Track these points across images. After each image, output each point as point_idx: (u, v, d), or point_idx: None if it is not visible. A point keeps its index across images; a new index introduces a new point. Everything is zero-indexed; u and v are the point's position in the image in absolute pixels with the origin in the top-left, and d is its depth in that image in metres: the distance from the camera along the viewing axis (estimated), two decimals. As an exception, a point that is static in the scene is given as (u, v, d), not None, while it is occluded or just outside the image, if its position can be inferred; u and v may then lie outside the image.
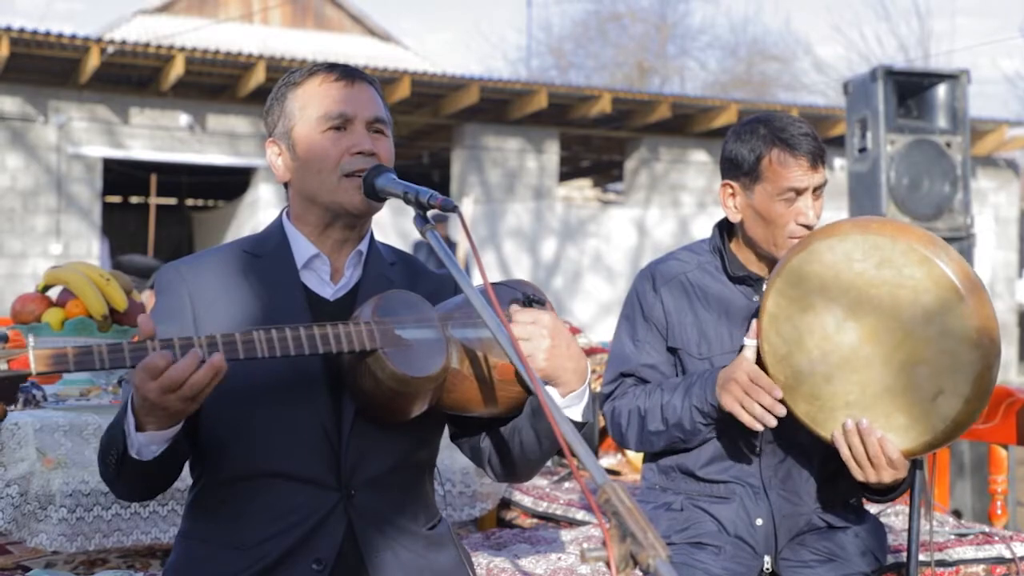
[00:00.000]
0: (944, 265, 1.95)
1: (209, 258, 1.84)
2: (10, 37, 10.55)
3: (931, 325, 1.96)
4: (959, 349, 1.94)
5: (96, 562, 2.91)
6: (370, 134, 1.77)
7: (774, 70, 28.94)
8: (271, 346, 1.57)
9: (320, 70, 1.81)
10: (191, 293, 1.77)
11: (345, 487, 1.74)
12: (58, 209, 11.98)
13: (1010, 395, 3.18)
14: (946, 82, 5.27)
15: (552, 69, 29.06)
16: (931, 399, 1.98)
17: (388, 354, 1.63)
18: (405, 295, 1.73)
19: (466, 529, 3.34)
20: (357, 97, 1.78)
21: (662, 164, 14.85)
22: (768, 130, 2.19)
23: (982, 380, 1.96)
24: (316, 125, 1.77)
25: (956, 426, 1.99)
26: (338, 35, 20.45)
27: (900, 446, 2.02)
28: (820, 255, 2.04)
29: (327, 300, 1.80)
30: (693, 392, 2.17)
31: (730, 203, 2.26)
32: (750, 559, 2.22)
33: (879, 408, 2.02)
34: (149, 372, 1.49)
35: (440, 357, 1.68)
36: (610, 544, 1.14)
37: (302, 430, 1.72)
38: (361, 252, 1.84)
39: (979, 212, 14.43)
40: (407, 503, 1.81)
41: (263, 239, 1.85)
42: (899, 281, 1.98)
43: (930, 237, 2.01)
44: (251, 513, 1.73)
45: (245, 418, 1.70)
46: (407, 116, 13.60)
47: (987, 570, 2.74)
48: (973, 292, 1.95)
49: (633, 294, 2.36)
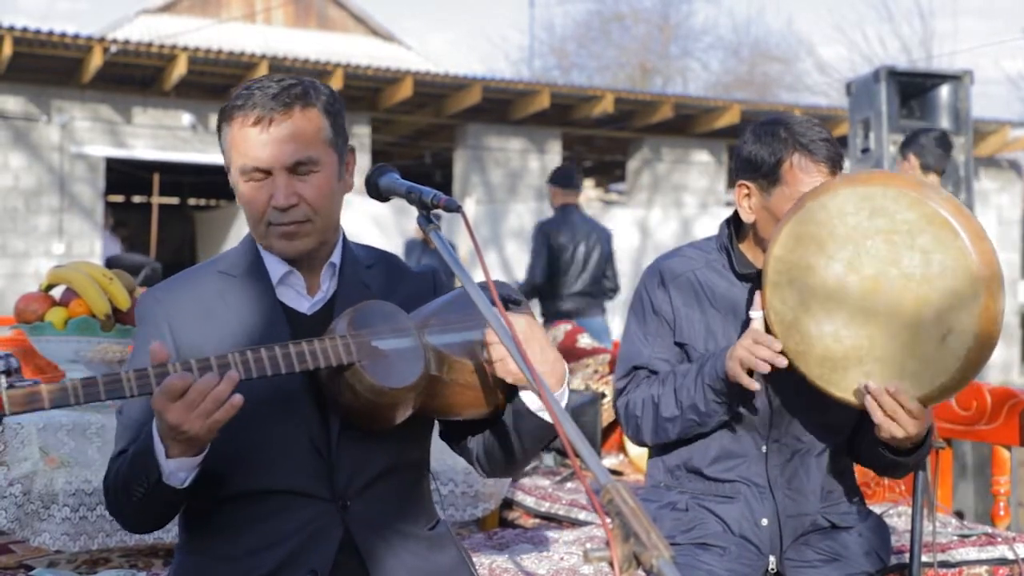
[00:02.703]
0: (936, 204, 1.95)
1: (185, 281, 1.83)
2: (13, 36, 10.54)
3: (930, 265, 1.95)
4: (961, 285, 1.93)
5: (99, 561, 2.91)
6: (294, 179, 1.71)
7: (776, 71, 28.93)
8: (247, 367, 1.58)
9: (243, 109, 1.71)
10: (169, 319, 1.77)
11: (339, 498, 1.73)
12: (61, 209, 11.98)
13: (1013, 396, 3.17)
14: (949, 83, 5.28)
15: (554, 69, 29.06)
16: (941, 340, 1.96)
17: (365, 367, 1.63)
18: (380, 305, 1.73)
19: (468, 529, 3.34)
20: (274, 142, 1.69)
21: (665, 164, 14.84)
22: (789, 133, 2.18)
23: (988, 312, 1.93)
24: (240, 175, 1.73)
25: (969, 364, 1.97)
26: (341, 35, 20.45)
27: (916, 393, 2.00)
28: (813, 215, 2.04)
29: (305, 315, 1.80)
30: (705, 371, 2.17)
31: (745, 203, 2.26)
32: (755, 559, 2.22)
33: (890, 358, 2.01)
34: (169, 394, 1.52)
35: (418, 366, 1.68)
36: (613, 544, 1.14)
37: (291, 445, 1.72)
38: (334, 264, 1.83)
39: (982, 213, 14.40)
40: (404, 506, 1.81)
41: (236, 258, 1.84)
42: (893, 227, 1.97)
43: (918, 181, 2.02)
44: (244, 528, 1.73)
45: (233, 438, 1.68)
46: (409, 116, 13.60)
47: (990, 571, 2.73)
48: (968, 226, 1.94)
49: (642, 290, 2.36)
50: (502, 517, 3.53)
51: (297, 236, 1.74)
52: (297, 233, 1.73)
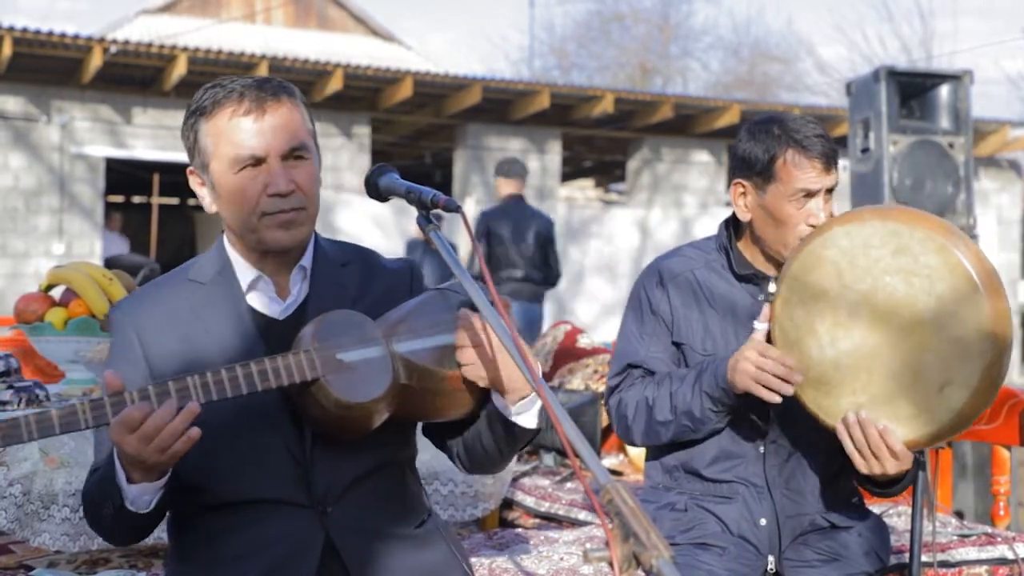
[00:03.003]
0: (961, 255, 1.95)
1: (154, 291, 1.82)
2: (13, 37, 10.54)
3: (944, 314, 1.95)
4: (970, 339, 1.93)
5: (98, 562, 2.91)
6: (288, 164, 1.71)
7: (776, 71, 28.92)
8: (207, 391, 1.56)
9: (229, 100, 1.70)
10: (138, 332, 1.75)
11: (319, 504, 1.72)
12: (61, 209, 11.98)
13: (1013, 396, 3.17)
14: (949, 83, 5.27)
15: (554, 69, 29.06)
16: (938, 389, 1.96)
17: (330, 381, 1.61)
18: (346, 315, 1.71)
19: (468, 529, 3.34)
20: (269, 130, 1.69)
21: (664, 164, 14.84)
22: (783, 130, 2.19)
23: (991, 372, 1.94)
24: (230, 166, 1.70)
25: (962, 418, 1.97)
26: (341, 35, 20.44)
27: (904, 436, 2.00)
28: (836, 241, 2.04)
29: (277, 320, 1.78)
30: (703, 378, 2.17)
31: (741, 202, 2.26)
32: (754, 559, 2.22)
33: (886, 397, 2.01)
34: (126, 425, 1.51)
35: (386, 377, 1.66)
36: (613, 544, 1.14)
37: (267, 454, 1.71)
38: (304, 267, 1.80)
39: (982, 213, 14.38)
40: (388, 507, 1.79)
41: (206, 265, 1.82)
42: (914, 269, 1.97)
43: (948, 226, 2.00)
44: (227, 536, 1.72)
45: (210, 451, 1.68)
46: (409, 116, 13.59)
47: (989, 571, 2.73)
48: (989, 283, 1.94)
49: (640, 289, 2.36)
50: (502, 517, 3.53)
51: (294, 224, 1.72)
52: (295, 221, 1.72)
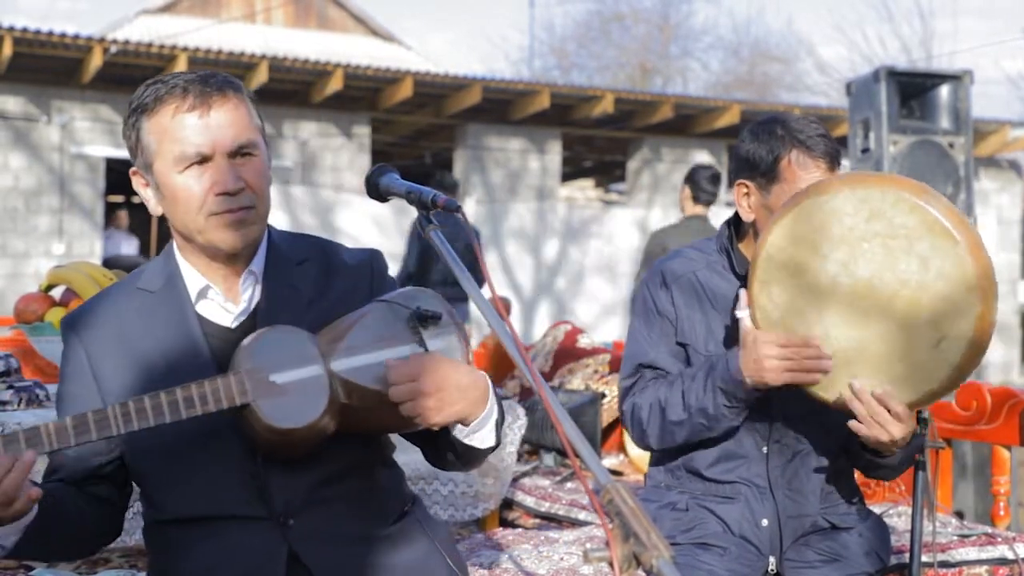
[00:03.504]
0: (935, 211, 1.94)
1: (103, 302, 1.77)
2: (13, 37, 10.54)
3: (927, 272, 1.95)
4: (958, 292, 1.93)
5: (99, 562, 2.91)
6: (235, 162, 1.64)
7: (776, 71, 28.92)
8: (127, 420, 1.51)
9: (171, 96, 1.64)
10: (86, 348, 1.72)
11: (279, 517, 1.67)
12: (61, 209, 11.98)
13: (1013, 396, 3.17)
14: (949, 83, 5.27)
15: (554, 69, 29.05)
16: (934, 346, 1.96)
17: (261, 406, 1.56)
18: (284, 332, 1.63)
19: (468, 529, 3.35)
20: (215, 126, 1.63)
21: (665, 164, 14.84)
22: (786, 131, 2.19)
23: (983, 320, 1.94)
24: (174, 164, 1.64)
25: (958, 372, 1.98)
26: (341, 35, 20.44)
27: (904, 398, 2.00)
28: (809, 213, 2.02)
29: (228, 328, 1.72)
30: (715, 374, 2.14)
31: (744, 202, 2.26)
32: (755, 560, 2.22)
33: (881, 363, 2.01)
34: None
35: (321, 399, 1.60)
36: (613, 544, 1.14)
37: (221, 470, 1.66)
38: (254, 272, 1.73)
39: (982, 213, 14.39)
40: (355, 511, 1.73)
41: (154, 273, 1.75)
42: (891, 232, 1.96)
43: (919, 185, 2.00)
44: (189, 552, 1.69)
45: (164, 468, 1.66)
46: (409, 116, 13.59)
47: (990, 571, 2.73)
48: (967, 235, 1.94)
49: (644, 291, 2.36)
50: (502, 517, 3.53)
51: (244, 223, 1.66)
52: (245, 220, 1.66)
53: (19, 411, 2.65)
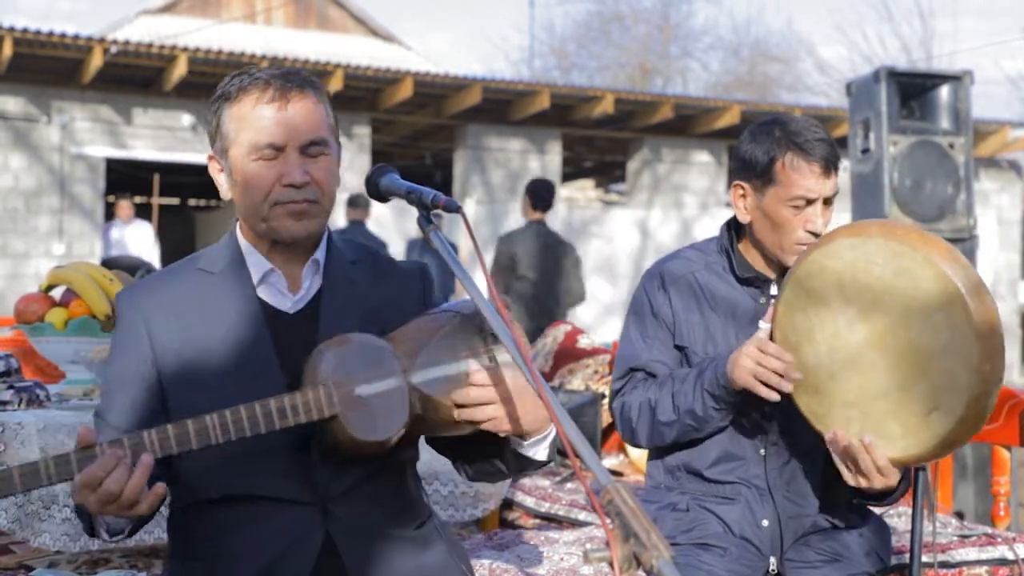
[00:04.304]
0: (959, 283, 1.93)
1: (164, 278, 1.81)
2: (13, 37, 10.53)
3: (937, 341, 1.95)
4: (960, 370, 1.93)
5: (99, 562, 2.91)
6: (306, 157, 1.71)
7: (777, 71, 28.92)
8: (225, 431, 1.56)
9: (254, 87, 1.72)
10: (145, 320, 1.74)
11: (321, 502, 1.71)
12: (61, 209, 11.98)
13: (1013, 396, 3.17)
14: (949, 83, 5.27)
15: (554, 70, 29.06)
16: (925, 414, 1.98)
17: (348, 419, 1.62)
18: (364, 341, 1.69)
19: (468, 530, 3.34)
20: (290, 120, 1.70)
21: (665, 165, 14.84)
22: (783, 133, 2.19)
23: (977, 405, 1.94)
24: (248, 153, 1.70)
25: (945, 444, 1.99)
26: (341, 35, 20.44)
27: (890, 454, 2.02)
28: (841, 252, 2.03)
29: (287, 313, 1.77)
30: (704, 377, 2.16)
31: (740, 204, 2.26)
32: (755, 560, 2.22)
33: (875, 413, 2.03)
34: (87, 484, 1.48)
35: (403, 413, 1.67)
36: (613, 545, 1.14)
37: (271, 451, 1.69)
38: (317, 261, 1.80)
39: (982, 214, 14.37)
40: (388, 508, 1.79)
41: (217, 255, 1.81)
42: (914, 293, 1.97)
43: (951, 252, 1.99)
44: (226, 532, 1.72)
45: (213, 446, 1.66)
46: (409, 116, 13.59)
47: (990, 572, 2.73)
48: (984, 316, 1.93)
49: (641, 292, 2.36)
50: (502, 517, 3.53)
51: (306, 216, 1.72)
52: (307, 212, 1.71)
53: (19, 411, 2.65)
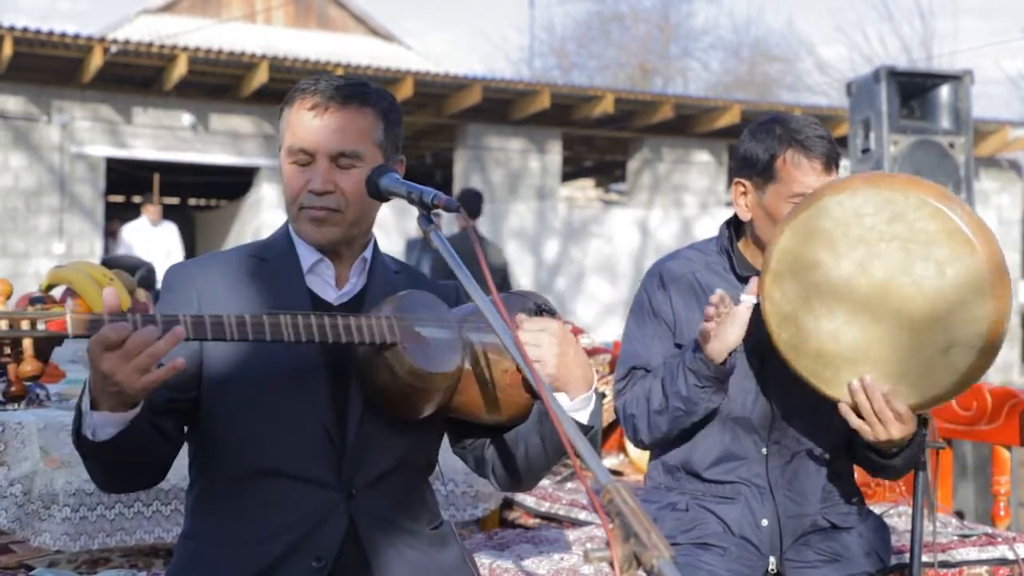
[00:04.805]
0: (957, 217, 1.94)
1: (218, 259, 1.87)
2: (13, 36, 10.55)
3: (943, 278, 1.95)
4: (972, 301, 1.93)
5: (99, 561, 2.91)
6: (334, 168, 1.76)
7: (777, 71, 28.91)
8: (296, 331, 1.60)
9: (306, 93, 1.79)
10: (199, 291, 1.79)
11: (346, 487, 1.75)
12: (61, 209, 11.98)
13: (1013, 396, 3.17)
14: (949, 83, 5.27)
15: (555, 69, 29.05)
16: (943, 352, 1.96)
17: (407, 348, 1.65)
18: (423, 295, 1.76)
19: (468, 529, 3.34)
20: (324, 129, 1.76)
21: (665, 164, 14.84)
22: (784, 130, 2.19)
23: (994, 332, 1.94)
24: (287, 155, 1.79)
25: (965, 379, 1.98)
26: (341, 35, 20.44)
27: (909, 400, 2.01)
28: (829, 210, 2.02)
29: (331, 304, 1.82)
30: (686, 356, 2.17)
31: (741, 201, 2.26)
32: (755, 560, 2.22)
33: (889, 364, 2.01)
34: (104, 343, 1.48)
35: (456, 356, 1.72)
36: (613, 544, 1.14)
37: (303, 429, 1.73)
38: (365, 259, 1.86)
39: (982, 213, 14.32)
40: (409, 504, 1.83)
41: (269, 244, 1.88)
42: (911, 235, 1.96)
43: (942, 190, 2.00)
44: (251, 511, 1.74)
45: (245, 415, 1.72)
46: (410, 116, 13.58)
47: (990, 571, 2.73)
48: (985, 243, 1.94)
49: (642, 292, 2.36)
50: (502, 517, 3.53)
51: (325, 223, 1.77)
52: (326, 220, 1.76)
53: (19, 411, 2.65)
